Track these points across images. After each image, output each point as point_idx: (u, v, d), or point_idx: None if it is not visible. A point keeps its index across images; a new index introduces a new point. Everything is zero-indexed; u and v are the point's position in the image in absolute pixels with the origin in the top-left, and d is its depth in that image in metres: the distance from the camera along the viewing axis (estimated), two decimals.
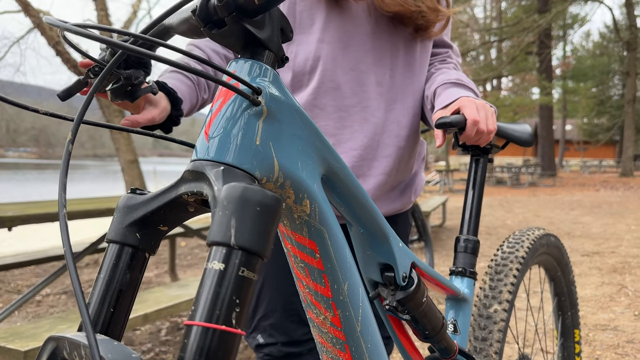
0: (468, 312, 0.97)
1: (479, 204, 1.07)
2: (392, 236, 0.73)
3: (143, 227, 0.51)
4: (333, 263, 0.61)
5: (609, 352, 2.82)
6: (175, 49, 0.48)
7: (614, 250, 5.73)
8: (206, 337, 0.38)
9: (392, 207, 1.23)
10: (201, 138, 0.50)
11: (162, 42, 0.48)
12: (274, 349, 1.22)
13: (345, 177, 0.64)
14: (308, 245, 0.60)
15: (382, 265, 0.75)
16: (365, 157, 1.15)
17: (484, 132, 0.98)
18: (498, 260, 1.19)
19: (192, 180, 0.49)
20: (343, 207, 0.67)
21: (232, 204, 0.41)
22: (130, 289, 0.51)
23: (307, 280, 0.63)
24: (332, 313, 0.63)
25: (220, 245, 0.41)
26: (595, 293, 3.99)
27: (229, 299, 0.39)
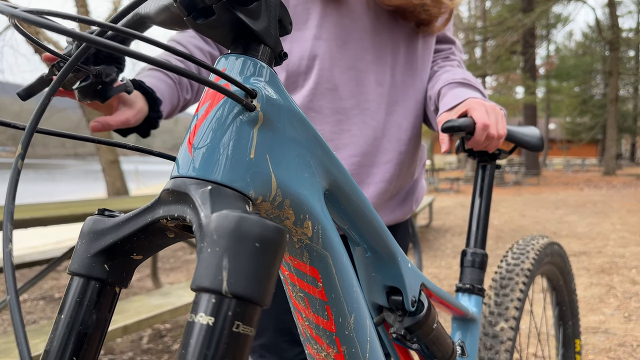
0: (476, 333, 0.89)
1: (486, 213, 1.00)
2: (400, 256, 0.65)
3: (112, 257, 0.42)
4: (338, 293, 0.52)
5: (601, 356, 2.78)
6: (152, 42, 0.39)
7: (600, 250, 5.73)
8: None
9: (392, 217, 1.15)
10: (184, 150, 0.42)
11: (136, 33, 0.38)
12: None
13: (350, 191, 0.55)
14: (309, 273, 0.51)
15: (388, 288, 0.67)
16: (364, 164, 1.07)
17: (494, 137, 0.90)
18: (503, 273, 1.12)
19: (173, 202, 0.40)
20: (347, 225, 0.59)
21: (224, 239, 0.33)
22: (98, 331, 0.42)
23: (307, 312, 0.54)
24: (336, 350, 0.55)
25: (208, 293, 0.32)
26: (584, 294, 3.97)
27: None
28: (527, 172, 19.76)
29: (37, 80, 0.63)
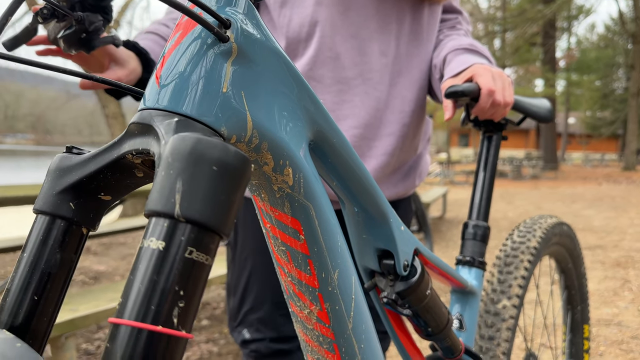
0: (476, 307, 0.87)
1: (490, 186, 0.96)
2: (392, 218, 0.62)
3: (79, 195, 0.41)
4: (320, 247, 0.50)
5: (613, 348, 2.73)
6: None
7: (616, 244, 5.63)
8: (137, 342, 0.27)
9: (394, 192, 1.12)
10: (151, 83, 0.39)
11: None
12: (262, 345, 1.12)
13: (337, 144, 0.53)
14: (290, 225, 0.49)
15: (380, 251, 0.65)
16: (365, 136, 1.04)
17: (500, 103, 0.87)
18: (508, 250, 1.09)
19: (138, 135, 0.38)
20: (335, 182, 0.57)
21: (179, 162, 0.30)
22: (63, 272, 0.40)
23: (290, 267, 0.52)
24: (319, 307, 0.53)
25: (160, 217, 0.30)
26: (598, 287, 3.90)
27: (170, 290, 0.28)
28: (544, 166, 19.50)
29: (23, 31, 0.62)
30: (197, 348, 2.78)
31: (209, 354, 2.71)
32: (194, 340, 2.90)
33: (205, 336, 2.97)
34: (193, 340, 2.90)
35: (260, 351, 1.11)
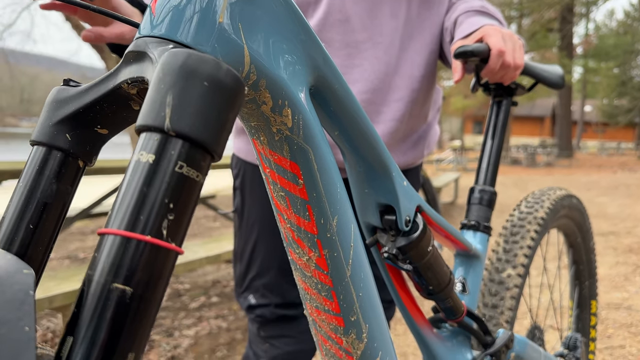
0: (480, 271, 0.86)
1: (498, 151, 0.95)
2: (395, 172, 0.62)
3: (75, 127, 0.41)
4: (319, 192, 0.50)
5: (621, 331, 2.71)
6: None
7: (630, 230, 5.58)
8: (125, 251, 0.27)
9: (403, 160, 1.12)
10: (147, 13, 0.39)
11: None
12: (267, 311, 1.13)
13: (341, 92, 0.52)
14: (289, 169, 0.49)
15: (382, 207, 0.64)
16: (374, 101, 1.03)
17: (510, 65, 0.85)
18: (514, 220, 1.08)
19: (133, 62, 0.38)
20: (337, 131, 0.56)
21: (170, 76, 0.30)
22: (58, 203, 0.41)
23: (289, 213, 0.52)
24: (318, 253, 0.53)
25: (151, 131, 0.30)
26: (609, 272, 3.87)
27: (159, 202, 0.28)
28: (559, 153, 19.30)
29: None
30: (206, 324, 2.81)
31: (218, 329, 2.74)
32: (204, 315, 2.94)
33: (214, 312, 3.00)
34: (203, 315, 2.94)
35: (266, 316, 1.12)
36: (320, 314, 0.57)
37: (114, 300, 0.27)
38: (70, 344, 0.26)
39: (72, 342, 0.26)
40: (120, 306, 0.27)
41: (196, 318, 2.91)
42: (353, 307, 0.55)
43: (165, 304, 3.17)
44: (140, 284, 0.27)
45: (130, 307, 0.27)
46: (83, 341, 0.26)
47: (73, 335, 0.26)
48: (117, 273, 0.27)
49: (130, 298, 0.27)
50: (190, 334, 2.67)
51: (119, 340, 0.26)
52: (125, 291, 0.27)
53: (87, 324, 0.26)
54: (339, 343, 0.57)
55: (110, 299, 0.27)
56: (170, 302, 3.19)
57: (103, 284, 0.27)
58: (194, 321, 2.86)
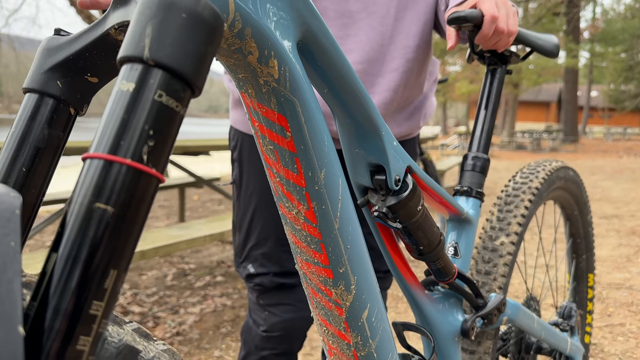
0: (472, 235, 0.87)
1: (492, 119, 0.96)
2: (384, 131, 0.63)
3: (65, 74, 0.42)
4: (307, 144, 0.51)
5: (622, 310, 2.73)
6: None
7: (633, 214, 5.57)
8: (107, 173, 0.29)
9: (398, 131, 1.13)
10: None
11: None
12: (266, 279, 1.15)
13: (328, 48, 0.53)
14: (277, 122, 0.50)
15: (372, 167, 0.66)
16: (369, 72, 1.04)
17: (503, 31, 0.86)
18: (509, 191, 1.09)
19: (120, 7, 0.39)
20: (326, 88, 0.57)
21: (149, 8, 0.31)
22: (50, 149, 0.42)
23: (278, 167, 0.53)
24: (306, 206, 0.54)
25: (131, 62, 0.31)
26: (612, 254, 3.88)
27: (140, 128, 0.30)
28: (564, 139, 19.20)
29: None
30: (211, 301, 2.85)
31: (223, 306, 2.78)
32: (209, 294, 2.97)
33: (219, 291, 3.04)
34: (207, 294, 2.97)
35: (264, 285, 1.14)
36: (310, 267, 0.58)
37: (95, 219, 0.28)
38: (55, 260, 0.28)
39: (57, 258, 0.28)
40: (101, 225, 0.28)
41: (201, 296, 2.94)
42: (341, 260, 0.57)
43: (170, 282, 3.21)
44: (121, 204, 0.29)
45: (112, 226, 0.28)
46: (67, 257, 0.28)
47: (57, 252, 0.28)
48: (99, 194, 0.28)
49: (111, 217, 0.28)
50: (195, 311, 2.70)
51: (101, 257, 0.28)
52: (106, 211, 0.28)
53: (71, 242, 0.28)
54: (329, 295, 0.59)
55: (93, 218, 0.28)
56: (176, 282, 3.23)
57: (86, 204, 0.28)
58: (199, 299, 2.90)
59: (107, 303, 0.28)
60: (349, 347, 0.61)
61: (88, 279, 0.27)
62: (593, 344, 2.31)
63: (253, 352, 1.20)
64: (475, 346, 0.92)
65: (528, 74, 19.96)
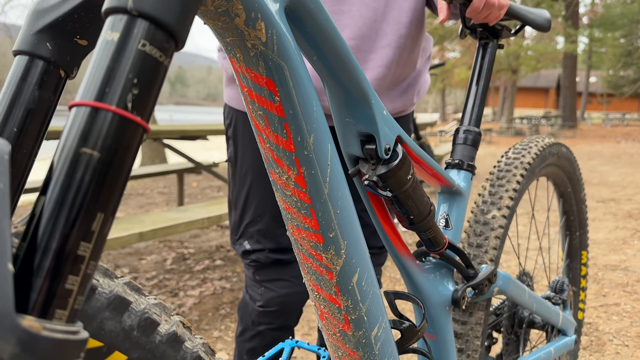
0: (463, 207, 0.89)
1: (484, 93, 0.97)
2: (374, 100, 0.63)
3: (55, 36, 0.42)
4: (296, 109, 0.52)
5: (617, 290, 2.75)
6: None
7: (630, 197, 5.59)
8: (93, 120, 0.29)
9: (391, 107, 1.13)
10: None
11: None
12: (261, 255, 1.16)
13: (318, 15, 0.54)
14: (266, 86, 0.51)
15: (363, 136, 0.66)
16: (362, 48, 1.04)
17: (494, 4, 0.86)
18: (501, 166, 1.10)
19: None
20: (315, 56, 0.58)
21: None
22: (41, 110, 0.43)
23: (267, 132, 0.54)
24: (296, 171, 0.55)
25: (115, 13, 0.32)
26: (608, 236, 3.90)
27: (124, 77, 0.30)
28: (563, 124, 19.18)
29: None
30: (210, 285, 2.87)
31: (222, 289, 2.80)
32: (208, 277, 3.00)
33: (218, 274, 3.06)
34: (207, 277, 3.00)
35: (260, 261, 1.15)
36: (301, 232, 0.59)
37: (82, 163, 0.29)
38: (43, 203, 0.29)
39: (45, 201, 0.29)
40: (88, 169, 0.29)
41: (200, 280, 2.97)
42: (331, 224, 0.58)
43: (169, 266, 3.23)
44: (107, 150, 0.29)
45: (98, 170, 0.29)
46: (54, 200, 0.29)
47: (45, 195, 0.29)
48: (86, 139, 0.29)
49: (97, 162, 0.29)
50: (195, 294, 2.73)
51: (87, 200, 0.29)
52: (92, 155, 0.29)
53: (59, 185, 0.29)
54: (319, 260, 0.60)
55: (79, 162, 0.29)
56: (175, 266, 3.25)
57: (73, 149, 0.29)
58: (198, 282, 2.92)
59: (94, 245, 0.29)
60: (339, 310, 0.62)
61: (75, 221, 0.28)
62: (588, 323, 2.34)
63: (250, 328, 1.21)
64: (467, 317, 0.94)
65: (527, 60, 19.89)
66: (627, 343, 2.15)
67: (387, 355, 0.66)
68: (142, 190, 6.64)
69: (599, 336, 2.21)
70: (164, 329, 0.39)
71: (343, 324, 0.64)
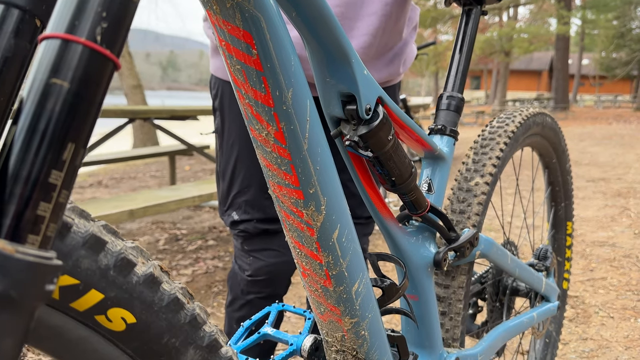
0: (445, 171, 0.90)
1: (467, 60, 0.97)
2: (354, 59, 0.64)
3: None
4: (273, 62, 0.52)
5: (604, 265, 2.79)
6: None
7: (620, 177, 5.64)
8: (62, 51, 0.30)
9: (378, 77, 1.14)
10: None
11: None
12: (249, 226, 1.17)
13: None
14: (243, 39, 0.51)
15: (344, 97, 0.67)
16: (347, 16, 1.04)
17: None
18: (485, 134, 1.11)
19: None
20: (294, 12, 0.58)
21: None
22: (18, 58, 0.43)
23: (246, 87, 0.54)
24: (275, 127, 0.55)
25: None
26: (597, 214, 3.95)
27: (93, 10, 0.31)
28: (555, 106, 19.23)
29: None
30: (203, 264, 2.89)
31: (215, 268, 2.82)
32: (201, 257, 3.01)
33: (211, 254, 3.08)
34: (199, 257, 3.01)
35: (248, 231, 1.16)
36: (282, 189, 0.60)
37: (52, 94, 0.29)
38: (14, 132, 0.29)
39: (16, 130, 0.29)
40: (58, 100, 0.29)
41: (193, 259, 2.98)
42: (311, 180, 0.58)
43: (162, 247, 3.24)
44: (77, 81, 0.30)
45: (68, 101, 0.30)
46: (26, 129, 0.29)
47: (17, 124, 0.29)
48: (56, 70, 0.30)
49: (67, 93, 0.30)
50: (187, 273, 2.74)
51: (58, 130, 0.29)
52: (62, 86, 0.30)
53: (30, 115, 0.29)
54: (300, 216, 0.61)
55: (50, 92, 0.29)
56: (168, 246, 3.26)
57: (44, 80, 0.30)
58: (191, 262, 2.94)
59: (66, 174, 0.30)
60: (321, 266, 0.63)
61: (46, 149, 0.29)
62: (575, 297, 2.38)
63: (239, 297, 1.23)
64: (449, 281, 0.95)
65: (519, 42, 19.85)
66: (612, 315, 2.19)
67: (367, 310, 0.68)
68: (135, 174, 6.63)
69: (585, 309, 2.25)
70: (141, 271, 0.40)
71: (324, 279, 0.65)
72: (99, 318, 0.39)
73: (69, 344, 0.38)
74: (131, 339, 0.40)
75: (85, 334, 0.38)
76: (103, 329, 0.39)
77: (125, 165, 7.45)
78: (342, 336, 0.70)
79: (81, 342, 0.38)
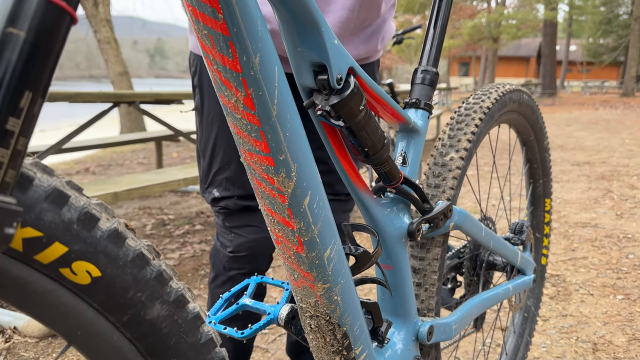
0: (420, 144, 0.91)
1: (442, 34, 0.98)
2: (324, 27, 0.64)
3: None
4: (240, 27, 0.53)
5: (585, 245, 2.84)
6: None
7: (605, 160, 5.71)
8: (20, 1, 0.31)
9: (356, 53, 1.15)
10: None
11: None
12: (230, 202, 1.18)
13: None
14: (208, 3, 0.51)
15: (315, 66, 0.68)
16: None
17: None
18: (461, 111, 1.12)
19: None
20: None
21: None
22: None
23: (214, 53, 0.55)
24: (244, 93, 0.56)
25: None
26: (580, 197, 4.00)
27: None
28: (543, 92, 19.32)
29: None
30: (190, 247, 2.90)
31: (202, 252, 2.83)
32: (188, 241, 3.02)
33: (198, 238, 3.08)
34: (187, 241, 3.02)
35: (229, 207, 1.17)
36: (253, 157, 0.61)
37: (9, 43, 0.30)
38: None
39: None
40: (15, 48, 0.30)
41: (180, 243, 2.99)
42: (281, 147, 0.59)
43: (149, 232, 3.24)
44: (33, 31, 0.31)
45: (24, 51, 0.31)
46: None
47: None
48: (13, 20, 0.30)
49: (24, 42, 0.30)
50: (174, 256, 2.75)
51: (15, 78, 0.30)
52: (19, 36, 0.30)
53: None
54: (271, 183, 0.62)
55: (6, 41, 0.30)
56: (155, 231, 3.26)
57: (0, 29, 0.30)
58: (178, 246, 2.94)
59: (24, 122, 0.31)
60: (293, 233, 0.65)
61: (2, 96, 0.30)
62: (556, 275, 2.42)
63: (222, 273, 1.24)
64: (424, 253, 0.97)
65: (507, 28, 19.87)
66: (592, 292, 2.23)
67: (340, 276, 0.69)
68: (122, 161, 6.59)
69: (565, 287, 2.30)
70: (105, 226, 0.41)
71: (297, 246, 0.66)
72: (64, 271, 0.39)
73: (35, 296, 0.39)
74: (97, 292, 0.41)
75: (51, 287, 0.39)
76: (68, 282, 0.40)
77: (112, 152, 7.41)
78: (315, 301, 0.71)
79: (47, 295, 0.39)
